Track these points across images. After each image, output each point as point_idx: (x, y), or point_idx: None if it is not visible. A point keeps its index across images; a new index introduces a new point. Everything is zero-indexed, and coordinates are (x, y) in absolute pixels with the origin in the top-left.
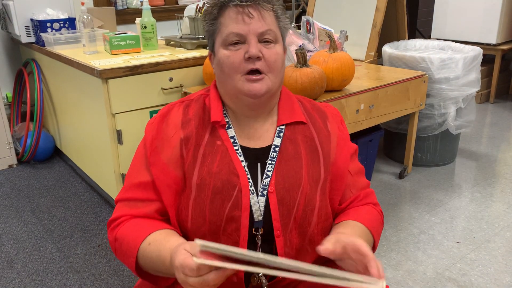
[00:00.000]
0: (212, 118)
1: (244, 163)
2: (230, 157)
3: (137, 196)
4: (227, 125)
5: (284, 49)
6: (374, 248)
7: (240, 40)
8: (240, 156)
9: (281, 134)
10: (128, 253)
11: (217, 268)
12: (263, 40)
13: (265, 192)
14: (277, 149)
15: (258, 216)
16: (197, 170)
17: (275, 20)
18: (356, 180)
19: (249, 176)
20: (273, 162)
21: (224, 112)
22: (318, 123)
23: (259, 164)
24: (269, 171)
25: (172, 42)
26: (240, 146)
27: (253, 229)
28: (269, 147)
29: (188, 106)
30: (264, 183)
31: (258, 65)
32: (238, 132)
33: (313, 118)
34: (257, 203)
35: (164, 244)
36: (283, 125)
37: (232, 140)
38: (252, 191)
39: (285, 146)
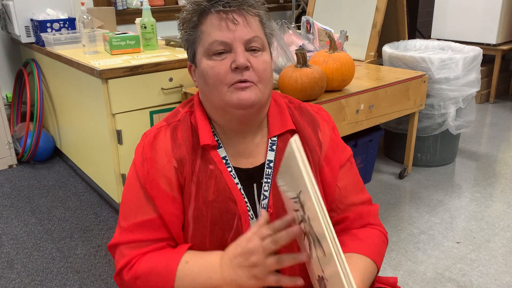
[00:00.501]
0: (201, 141)
1: (239, 186)
2: (225, 181)
3: (144, 237)
4: (217, 145)
5: (271, 57)
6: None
7: (225, 49)
8: (235, 178)
9: (274, 147)
10: (162, 282)
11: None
12: (250, 48)
13: None
14: (271, 164)
15: None
16: (192, 201)
17: (260, 27)
18: (344, 196)
19: (246, 200)
20: (269, 180)
21: (212, 130)
22: (307, 132)
23: (255, 185)
24: (266, 191)
25: (172, 42)
26: (233, 167)
27: None
28: (262, 164)
29: (175, 128)
30: (262, 205)
31: (246, 75)
32: (229, 151)
33: (301, 126)
34: None
35: (206, 254)
36: (275, 136)
37: (224, 161)
38: (251, 216)
39: (280, 160)
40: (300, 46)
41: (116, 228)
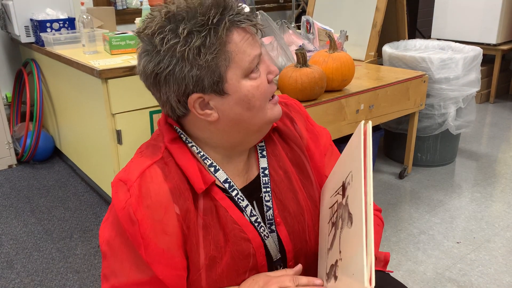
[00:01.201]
0: (196, 188)
1: (249, 208)
2: (233, 218)
3: None
4: (213, 169)
5: None
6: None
7: (258, 62)
8: (243, 200)
9: (264, 153)
10: None
11: None
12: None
13: (273, 227)
14: (266, 171)
15: (276, 256)
16: (202, 249)
17: None
18: None
19: (259, 227)
20: (268, 189)
21: (202, 154)
22: (288, 126)
23: (254, 202)
24: (268, 201)
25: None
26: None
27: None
28: (258, 177)
29: (165, 166)
30: (268, 217)
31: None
32: (230, 172)
33: (279, 124)
34: (273, 243)
35: None
36: (261, 141)
37: (227, 185)
38: (267, 235)
39: (273, 166)
40: (300, 46)
41: (103, 281)
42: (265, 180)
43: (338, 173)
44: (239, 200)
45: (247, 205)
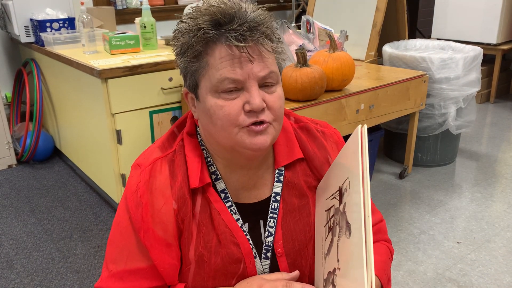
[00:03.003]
0: (191, 183)
1: (240, 222)
2: (225, 222)
3: (136, 286)
4: (215, 177)
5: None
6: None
7: (236, 87)
8: (235, 213)
9: (281, 178)
10: None
11: None
12: (263, 84)
13: (268, 254)
14: (278, 197)
15: None
16: (193, 245)
17: (274, 58)
18: None
19: (248, 237)
20: (275, 215)
21: (209, 162)
22: (317, 158)
23: (261, 221)
24: (271, 227)
25: (171, 42)
26: (235, 203)
27: None
28: (269, 198)
29: (172, 162)
30: (267, 243)
31: (263, 116)
32: (230, 184)
33: (310, 153)
34: (261, 268)
35: None
36: (282, 166)
37: (223, 196)
38: (255, 255)
39: (288, 194)
40: (300, 45)
41: (104, 268)
42: (274, 205)
43: (335, 175)
44: (232, 213)
45: (238, 219)
